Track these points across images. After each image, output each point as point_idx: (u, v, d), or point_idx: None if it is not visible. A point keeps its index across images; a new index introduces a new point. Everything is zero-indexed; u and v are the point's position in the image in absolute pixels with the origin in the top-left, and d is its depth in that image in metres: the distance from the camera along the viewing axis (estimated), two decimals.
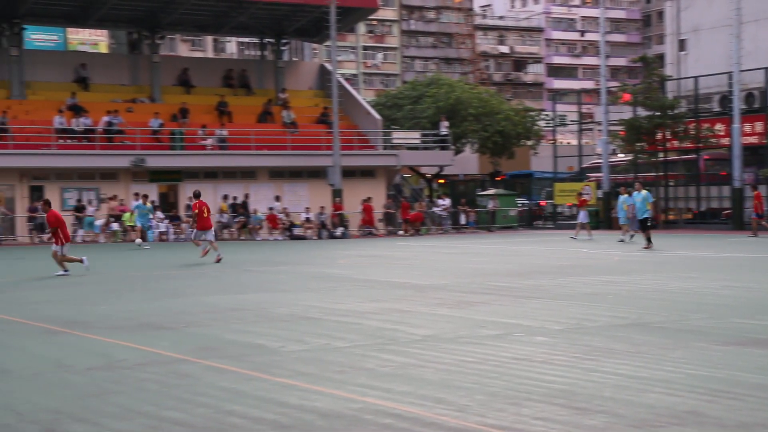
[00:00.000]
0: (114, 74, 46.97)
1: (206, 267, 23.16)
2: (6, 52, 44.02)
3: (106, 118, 42.11)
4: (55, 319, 12.88)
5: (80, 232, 39.07)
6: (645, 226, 28.79)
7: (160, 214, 40.33)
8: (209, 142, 43.64)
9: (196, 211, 25.22)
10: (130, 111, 44.15)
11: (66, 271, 20.91)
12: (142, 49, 48.17)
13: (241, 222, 41.81)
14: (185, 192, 41.58)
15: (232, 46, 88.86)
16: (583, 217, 36.29)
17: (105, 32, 66.68)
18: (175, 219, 41.25)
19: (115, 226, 39.57)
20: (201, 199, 25.67)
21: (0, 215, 39.06)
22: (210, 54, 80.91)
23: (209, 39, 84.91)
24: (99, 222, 39.61)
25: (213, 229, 26.15)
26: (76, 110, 42.42)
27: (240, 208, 42.18)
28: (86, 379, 8.68)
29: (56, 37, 67.53)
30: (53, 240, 21.11)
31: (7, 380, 8.67)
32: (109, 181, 41.78)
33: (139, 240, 34.52)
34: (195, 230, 25.67)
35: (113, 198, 40.63)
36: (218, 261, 24.15)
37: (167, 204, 42.58)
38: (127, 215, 39.27)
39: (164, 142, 43.03)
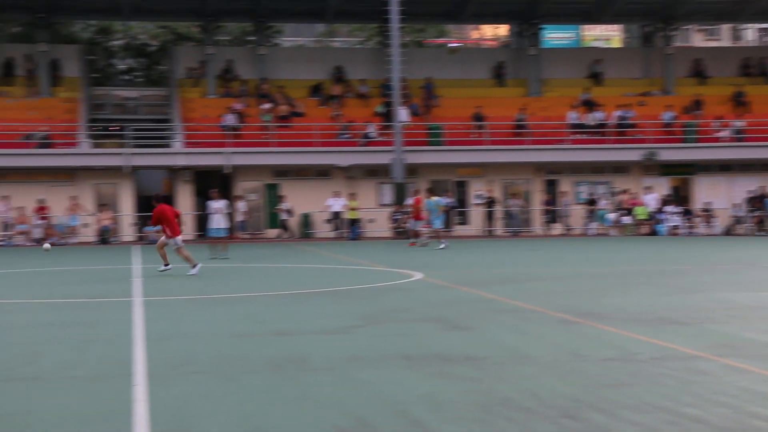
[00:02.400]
0: (626, 68, 47.17)
1: (723, 263, 22.37)
2: (524, 52, 46.06)
3: (618, 113, 42.45)
4: (570, 310, 13.16)
5: (592, 225, 39.79)
6: None
7: (672, 208, 39.77)
8: (724, 133, 42.16)
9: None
10: (642, 104, 44.02)
11: (194, 266, 20.75)
12: (655, 41, 47.83)
13: (759, 217, 39.83)
14: (699, 186, 40.63)
15: (751, 33, 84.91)
16: None
17: (618, 27, 67.13)
18: (687, 213, 40.43)
19: (626, 219, 39.73)
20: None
21: (517, 208, 40.96)
22: (726, 43, 78.04)
23: (726, 27, 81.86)
24: (611, 215, 40.00)
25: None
26: (590, 105, 43.22)
27: (757, 203, 40.20)
28: (602, 369, 8.75)
29: (571, 35, 69.39)
30: (162, 234, 21.27)
31: (528, 365, 9.01)
32: (620, 174, 42.04)
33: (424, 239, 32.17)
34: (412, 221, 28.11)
35: (625, 192, 40.82)
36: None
37: (679, 198, 41.87)
38: (640, 209, 39.30)
39: (676, 134, 42.34)
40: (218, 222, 26.21)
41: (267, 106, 41.29)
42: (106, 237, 37.07)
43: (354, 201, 38.81)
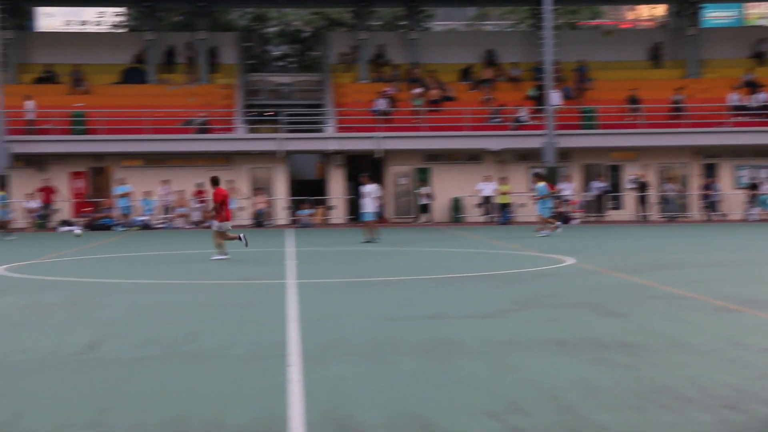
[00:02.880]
0: None
1: None
2: (683, 32, 44.71)
3: None
4: (729, 297, 12.74)
5: (754, 210, 38.39)
6: None
7: None
8: None
9: None
10: None
11: (226, 254, 20.71)
12: None
13: None
14: None
15: None
16: None
17: None
18: None
19: None
20: None
21: (673, 193, 39.88)
22: None
23: None
24: None
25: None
26: (752, 86, 41.63)
27: None
28: (764, 359, 8.44)
29: (733, 13, 66.98)
30: (216, 217, 21.06)
31: (686, 353, 8.77)
32: None
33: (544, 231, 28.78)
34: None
35: None
36: None
37: None
38: None
39: None
40: (369, 206, 26.48)
41: (418, 90, 41.39)
42: (260, 220, 37.95)
43: (505, 185, 38.55)
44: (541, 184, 29.37)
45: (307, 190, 40.05)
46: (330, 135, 39.65)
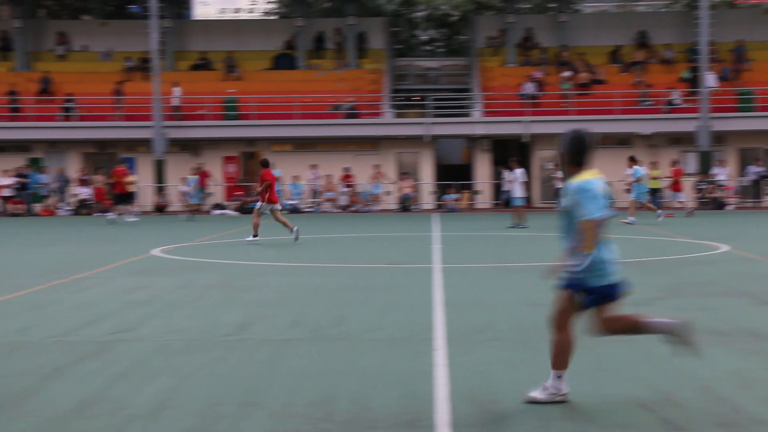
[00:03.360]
0: None
1: None
2: None
3: None
4: None
5: None
6: None
7: None
8: None
9: None
10: None
11: (255, 236, 21.14)
12: None
13: None
14: None
15: None
16: None
17: None
18: None
19: None
20: None
21: None
22: None
23: None
24: None
25: None
26: None
27: None
28: None
29: None
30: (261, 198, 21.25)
31: None
32: None
33: (632, 218, 27.15)
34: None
35: None
36: None
37: None
38: None
39: None
40: (518, 191, 26.25)
41: (567, 73, 40.76)
42: (407, 204, 38.14)
43: (656, 170, 37.56)
44: (636, 168, 28.44)
45: (453, 175, 40.02)
46: (477, 119, 39.50)
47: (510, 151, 36.57)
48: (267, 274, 14.70)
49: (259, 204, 21.67)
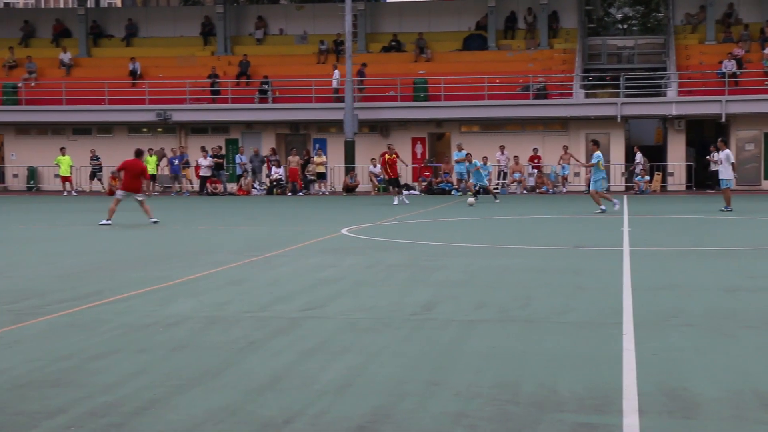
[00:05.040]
0: None
1: None
2: None
3: None
4: None
5: None
6: None
7: None
8: None
9: None
10: None
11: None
12: None
13: None
14: None
15: None
16: None
17: None
18: None
19: None
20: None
21: None
22: None
23: None
24: None
25: None
26: None
27: None
28: None
29: None
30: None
31: None
32: None
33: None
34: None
35: None
36: None
37: None
38: None
39: None
40: (726, 173, 25.16)
41: None
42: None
43: None
44: (598, 153, 25.29)
45: (645, 156, 38.99)
46: (671, 99, 38.29)
47: (706, 132, 35.30)
48: (453, 255, 14.75)
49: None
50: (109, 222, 21.09)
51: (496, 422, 5.61)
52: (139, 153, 22.83)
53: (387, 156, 30.48)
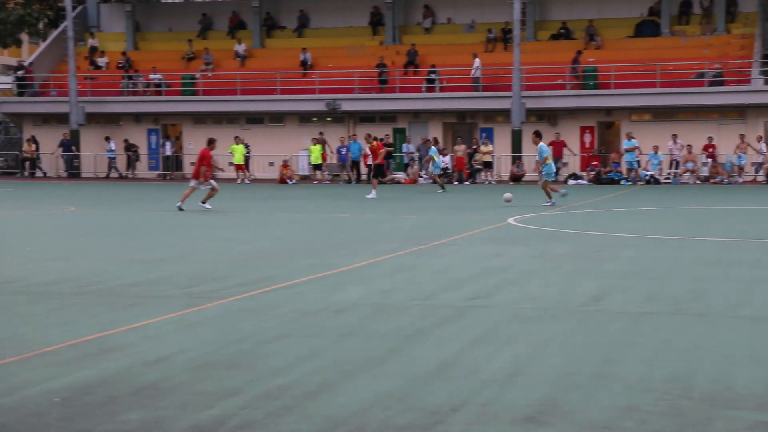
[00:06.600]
0: None
1: None
2: None
3: None
4: None
5: None
6: None
7: None
8: None
9: None
10: None
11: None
12: None
13: None
14: None
15: None
16: None
17: None
18: None
19: None
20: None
21: None
22: None
23: None
24: None
25: None
26: None
27: None
28: None
29: None
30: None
31: None
32: None
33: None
34: None
35: None
36: None
37: None
38: None
39: None
40: None
41: None
42: None
43: None
44: (542, 145, 23.64)
45: None
46: None
47: None
48: (621, 246, 14.46)
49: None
50: (208, 207, 22.05)
51: (668, 417, 5.47)
52: (210, 141, 23.20)
53: (366, 144, 30.97)
